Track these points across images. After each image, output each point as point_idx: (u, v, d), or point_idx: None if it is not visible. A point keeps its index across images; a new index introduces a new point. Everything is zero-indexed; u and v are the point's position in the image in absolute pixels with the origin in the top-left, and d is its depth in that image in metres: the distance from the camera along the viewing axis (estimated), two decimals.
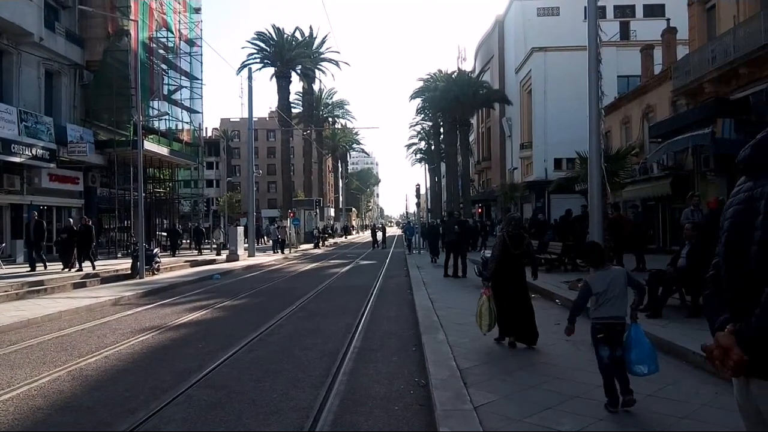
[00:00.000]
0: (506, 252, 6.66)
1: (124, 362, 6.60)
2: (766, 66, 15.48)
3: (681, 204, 21.54)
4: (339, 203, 79.97)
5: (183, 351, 7.14)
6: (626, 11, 39.91)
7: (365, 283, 15.12)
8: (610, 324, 4.42)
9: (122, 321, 9.65)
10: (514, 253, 6.65)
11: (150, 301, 12.27)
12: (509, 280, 6.66)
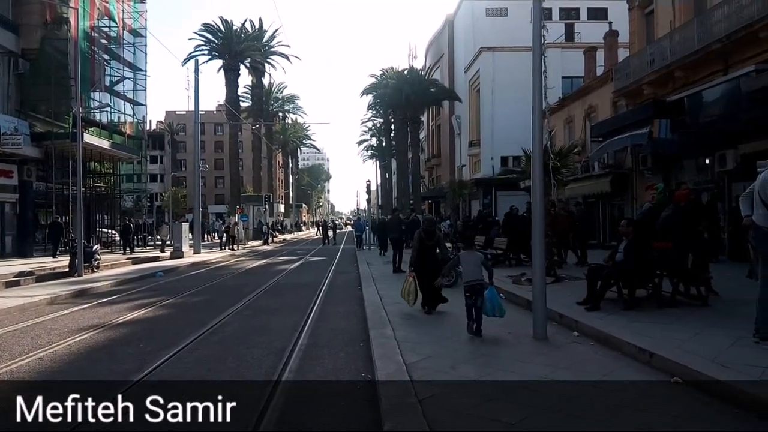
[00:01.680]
0: (423, 244, 8.78)
1: (59, 363, 6.33)
2: (700, 70, 16.29)
3: (620, 201, 22.47)
4: (289, 199, 79.12)
5: (123, 351, 6.91)
6: (571, 14, 41.10)
7: (314, 279, 15.04)
8: (472, 284, 7.00)
9: (58, 321, 9.26)
10: (428, 244, 8.80)
11: (88, 299, 11.82)
12: (426, 264, 8.66)
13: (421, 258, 8.68)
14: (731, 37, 14.33)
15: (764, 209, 5.44)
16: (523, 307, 8.94)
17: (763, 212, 5.46)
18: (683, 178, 16.96)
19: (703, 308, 7.80)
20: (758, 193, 5.52)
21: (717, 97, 14.17)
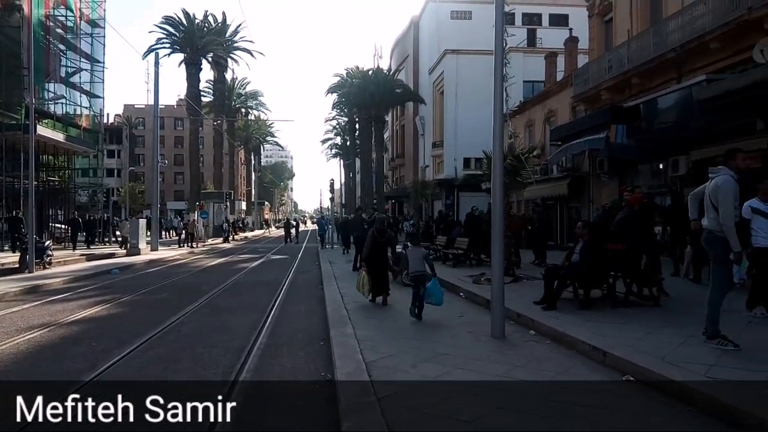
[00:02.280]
0: (375, 241, 9.64)
1: (6, 363, 6.10)
2: (655, 77, 16.82)
3: (577, 203, 23.01)
4: (251, 197, 78.05)
5: (74, 350, 6.70)
6: (533, 19, 41.84)
7: (275, 278, 14.90)
8: (416, 275, 8.25)
9: (6, 318, 8.91)
10: (380, 241, 9.67)
11: (39, 297, 11.41)
12: (377, 259, 9.59)
13: (373, 254, 9.61)
14: (684, 46, 14.85)
15: (715, 213, 5.64)
16: (482, 307, 9.06)
17: (714, 216, 5.66)
18: (638, 182, 17.52)
19: (654, 308, 8.07)
20: (709, 198, 5.73)
21: (671, 104, 14.67)
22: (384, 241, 9.69)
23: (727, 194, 5.57)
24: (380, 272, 9.48)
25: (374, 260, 9.52)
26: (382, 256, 9.61)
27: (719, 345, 5.59)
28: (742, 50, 13.25)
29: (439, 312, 8.78)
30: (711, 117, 13.14)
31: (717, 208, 5.61)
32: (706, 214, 5.84)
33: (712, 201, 5.68)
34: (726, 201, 5.55)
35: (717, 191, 5.62)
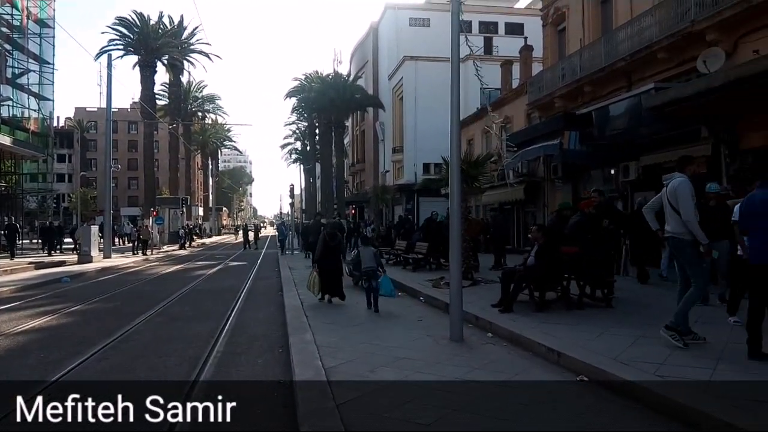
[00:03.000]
0: (326, 244, 10.30)
1: None
2: (606, 85, 17.38)
3: (533, 208, 23.51)
4: (209, 202, 76.70)
5: (21, 362, 6.44)
6: (490, 27, 42.59)
7: (234, 285, 14.67)
8: (368, 270, 9.47)
9: None
10: (331, 245, 10.32)
11: None
12: (329, 261, 10.24)
13: (325, 256, 10.26)
14: (634, 56, 15.40)
15: (677, 215, 5.84)
16: (442, 310, 9.15)
17: (676, 219, 5.86)
18: (591, 187, 17.99)
19: (607, 309, 8.31)
20: (669, 203, 5.92)
21: (621, 111, 15.16)
22: (334, 245, 10.39)
23: (685, 193, 5.82)
24: (331, 273, 10.22)
25: (325, 262, 10.22)
26: (333, 258, 10.33)
27: (671, 338, 5.78)
28: (687, 60, 13.84)
29: (399, 316, 8.87)
30: (659, 124, 13.63)
31: (677, 210, 5.82)
32: (668, 221, 6.02)
33: (672, 204, 5.87)
34: (686, 199, 5.78)
35: (675, 193, 5.83)
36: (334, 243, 10.38)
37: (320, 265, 10.25)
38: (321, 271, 10.19)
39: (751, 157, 12.17)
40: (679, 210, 5.81)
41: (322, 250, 10.31)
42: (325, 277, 10.15)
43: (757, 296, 5.38)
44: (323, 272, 10.17)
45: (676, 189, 5.86)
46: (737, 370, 4.98)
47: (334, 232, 10.71)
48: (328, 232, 10.57)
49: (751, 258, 5.40)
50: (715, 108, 11.78)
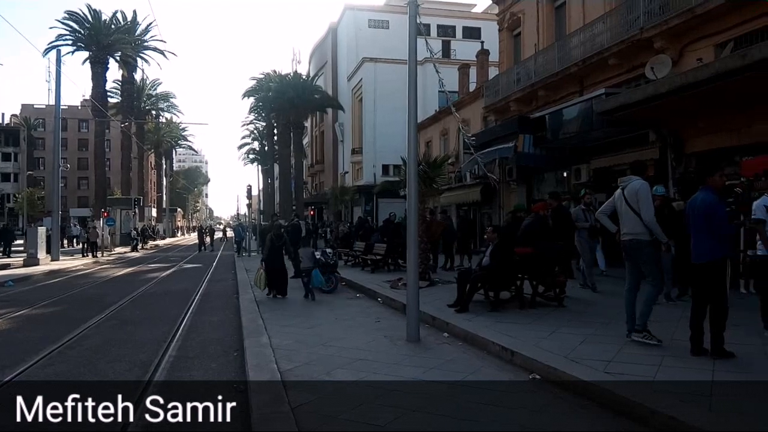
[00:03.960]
0: (273, 244, 11.42)
1: None
2: (560, 90, 17.80)
3: (489, 209, 23.88)
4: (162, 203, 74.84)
5: None
6: (448, 31, 43.07)
7: (188, 287, 14.35)
8: (307, 269, 11.07)
9: None
10: (277, 245, 11.42)
11: None
12: (275, 260, 11.29)
13: (271, 256, 11.32)
14: (586, 62, 15.83)
15: (636, 217, 5.99)
16: (399, 311, 9.19)
17: (635, 220, 6.00)
18: (545, 189, 18.45)
19: (559, 309, 8.51)
20: (627, 204, 6.04)
21: (574, 116, 15.55)
22: (280, 245, 11.50)
23: (648, 196, 6.02)
24: (276, 271, 11.26)
25: (271, 261, 11.30)
26: (279, 257, 11.42)
27: (644, 339, 5.95)
28: (636, 67, 14.31)
29: (357, 318, 8.87)
30: (610, 128, 14.06)
31: (637, 211, 5.97)
32: (624, 223, 6.14)
33: (631, 206, 6.00)
34: (648, 201, 5.97)
35: (638, 195, 5.98)
36: (279, 243, 11.52)
37: (267, 264, 11.30)
38: (267, 268, 11.23)
39: (695, 160, 12.70)
40: (641, 211, 5.96)
41: (269, 251, 11.44)
42: (271, 274, 11.20)
43: (699, 295, 5.60)
44: (269, 270, 11.22)
45: (638, 191, 6.00)
46: (681, 366, 5.18)
47: (280, 233, 11.99)
48: (275, 233, 11.77)
49: (693, 257, 5.62)
50: (662, 113, 12.24)
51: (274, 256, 11.36)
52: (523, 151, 18.40)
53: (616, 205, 6.29)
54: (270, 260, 11.33)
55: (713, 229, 5.45)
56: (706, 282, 5.49)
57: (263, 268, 11.33)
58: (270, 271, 11.22)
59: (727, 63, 9.86)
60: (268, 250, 11.47)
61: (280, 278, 11.26)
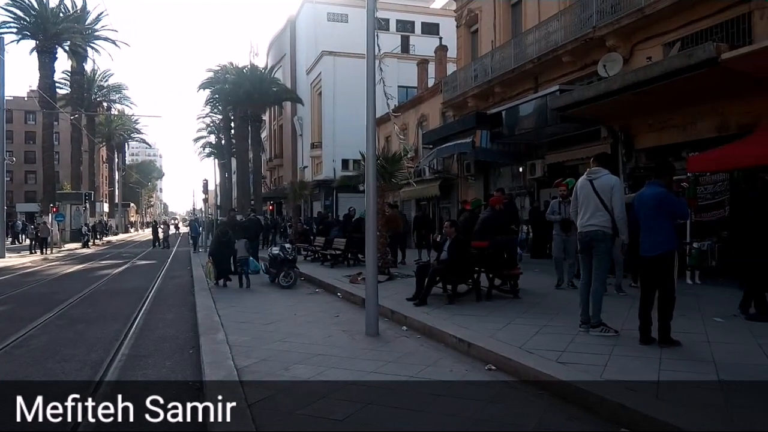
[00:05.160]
0: (219, 240, 12.64)
1: None
2: (515, 87, 18.11)
3: (448, 203, 24.13)
4: (115, 198, 72.64)
5: None
6: (407, 26, 43.13)
7: (141, 284, 14.00)
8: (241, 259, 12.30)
9: None
10: (223, 240, 12.50)
11: None
12: (222, 253, 12.33)
13: (218, 250, 12.50)
14: (541, 59, 16.15)
15: (603, 208, 6.06)
16: (358, 306, 9.20)
17: (602, 212, 6.07)
18: (501, 184, 18.75)
19: (514, 301, 8.69)
20: (597, 196, 6.09)
21: (529, 112, 15.85)
22: (225, 240, 12.56)
23: (622, 192, 6.17)
24: (222, 263, 12.33)
25: (218, 254, 12.44)
26: (225, 251, 12.45)
27: (602, 332, 6.10)
28: (589, 64, 14.69)
29: (316, 313, 8.84)
30: (564, 124, 14.40)
31: (606, 204, 6.05)
32: (586, 213, 6.19)
33: (603, 200, 6.08)
34: (622, 198, 6.10)
35: (612, 191, 6.06)
36: (225, 239, 12.61)
37: (214, 257, 12.50)
38: (215, 261, 12.40)
39: (645, 156, 13.14)
40: (613, 206, 6.03)
41: (215, 245, 12.85)
42: (218, 266, 12.34)
43: (647, 286, 5.80)
44: (216, 262, 12.37)
45: (614, 187, 6.08)
46: (630, 355, 5.36)
47: (226, 230, 13.21)
48: (221, 230, 13.23)
49: (642, 250, 5.81)
50: (613, 110, 12.60)
51: (220, 250, 12.47)
52: (480, 146, 18.65)
53: (579, 195, 6.32)
54: (216, 254, 12.49)
55: (673, 216, 5.61)
56: (656, 274, 5.68)
57: (210, 261, 12.59)
58: (217, 263, 12.33)
59: (674, 62, 10.24)
60: (215, 245, 12.92)
61: (226, 269, 12.37)
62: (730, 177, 10.73)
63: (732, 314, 6.96)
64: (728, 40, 10.65)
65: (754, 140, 9.38)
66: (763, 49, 8.57)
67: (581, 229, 6.31)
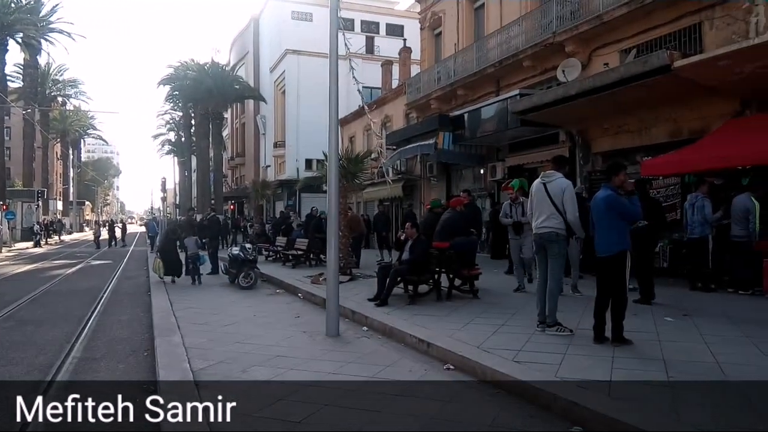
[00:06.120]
0: (168, 238, 13.53)
1: None
2: (478, 90, 18.32)
3: (410, 204, 24.24)
4: (69, 195, 70.35)
5: None
6: (372, 27, 43.14)
7: (96, 285, 13.60)
8: (192, 255, 12.93)
9: None
10: (172, 238, 13.40)
11: None
12: (170, 252, 13.00)
13: (166, 248, 13.17)
14: (502, 63, 16.38)
15: (555, 210, 6.21)
16: (320, 306, 9.14)
17: (555, 215, 6.22)
18: (463, 185, 18.94)
19: (474, 301, 8.78)
20: (549, 199, 6.24)
21: (490, 115, 16.07)
22: (175, 238, 13.42)
23: (573, 196, 6.31)
24: (171, 261, 12.90)
25: (167, 252, 13.04)
26: (173, 249, 13.13)
27: (558, 332, 6.21)
28: (549, 69, 14.96)
29: (277, 314, 8.77)
30: (524, 127, 14.65)
31: (558, 207, 6.19)
32: (540, 215, 6.34)
33: (555, 203, 6.23)
34: (574, 201, 6.26)
35: (564, 194, 6.22)
36: (174, 237, 13.44)
37: (163, 254, 13.07)
38: (164, 258, 12.91)
39: (601, 159, 13.49)
40: (566, 210, 6.19)
41: (164, 243, 13.55)
42: (167, 263, 12.84)
43: (603, 286, 5.95)
44: (165, 259, 12.88)
45: (565, 190, 6.24)
46: (584, 354, 5.49)
47: (175, 228, 14.34)
48: (170, 228, 14.33)
49: (596, 251, 5.96)
50: (571, 114, 12.90)
51: (169, 247, 13.16)
52: (443, 148, 18.79)
53: (533, 197, 6.48)
54: (165, 251, 13.12)
55: (624, 217, 5.79)
56: (609, 274, 5.84)
57: (159, 257, 13.22)
58: (166, 260, 12.87)
59: (629, 68, 10.55)
60: (164, 242, 13.63)
61: (174, 266, 12.93)
62: (682, 181, 11.12)
63: (682, 314, 7.21)
64: (681, 48, 11.03)
65: (704, 146, 9.74)
66: (711, 59, 8.92)
67: (536, 231, 6.48)
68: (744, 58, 8.48)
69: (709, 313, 7.30)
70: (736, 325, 6.52)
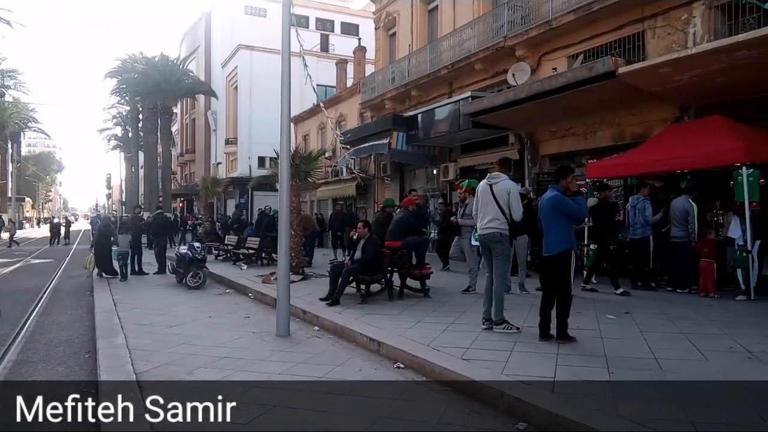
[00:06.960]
0: (102, 234, 13.52)
1: None
2: (431, 91, 18.50)
3: (364, 204, 24.26)
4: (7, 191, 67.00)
5: None
6: (327, 25, 42.93)
7: (35, 285, 13.03)
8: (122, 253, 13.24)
9: None
10: (105, 233, 13.50)
11: None
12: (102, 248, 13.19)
13: (100, 243, 13.40)
14: (455, 65, 16.60)
15: (500, 211, 6.34)
16: (271, 306, 9.04)
17: (500, 215, 6.35)
18: (416, 185, 19.12)
19: (425, 300, 8.88)
20: (494, 200, 6.36)
21: (443, 116, 16.24)
22: (108, 234, 13.52)
23: (519, 197, 6.47)
24: (103, 257, 13.13)
25: (100, 248, 13.26)
26: (106, 244, 13.29)
27: (505, 329, 6.33)
28: (500, 72, 15.26)
29: (225, 315, 8.62)
30: (475, 129, 14.88)
31: (503, 208, 6.32)
32: (485, 216, 6.46)
33: (500, 204, 6.35)
34: (519, 202, 6.42)
35: (509, 195, 6.35)
36: (107, 233, 13.63)
37: (95, 249, 13.47)
38: (96, 253, 13.25)
39: (548, 161, 13.85)
40: (512, 211, 6.34)
41: (98, 238, 13.73)
42: (99, 259, 13.14)
43: (548, 285, 6.11)
44: (98, 255, 13.17)
45: (511, 192, 6.39)
46: (530, 351, 5.62)
47: (108, 224, 14.68)
48: (104, 224, 14.37)
49: (543, 250, 6.13)
50: (521, 117, 13.19)
51: (102, 242, 13.36)
52: (396, 147, 18.87)
53: (479, 198, 6.61)
54: (98, 246, 13.39)
55: (569, 217, 5.96)
56: (555, 272, 6.00)
57: (92, 252, 13.57)
58: (98, 255, 13.17)
59: (576, 74, 10.87)
60: (97, 238, 13.83)
61: (107, 261, 13.15)
62: (624, 183, 11.54)
63: (624, 311, 7.48)
64: (626, 55, 11.45)
65: (646, 149, 10.14)
66: (652, 66, 9.30)
67: (480, 231, 6.64)
68: (682, 66, 8.89)
69: (649, 310, 7.61)
70: (673, 322, 6.82)
